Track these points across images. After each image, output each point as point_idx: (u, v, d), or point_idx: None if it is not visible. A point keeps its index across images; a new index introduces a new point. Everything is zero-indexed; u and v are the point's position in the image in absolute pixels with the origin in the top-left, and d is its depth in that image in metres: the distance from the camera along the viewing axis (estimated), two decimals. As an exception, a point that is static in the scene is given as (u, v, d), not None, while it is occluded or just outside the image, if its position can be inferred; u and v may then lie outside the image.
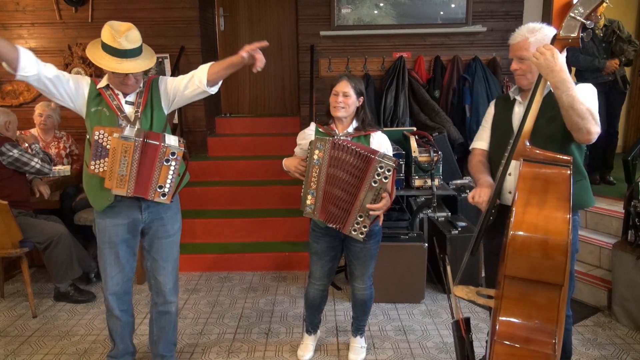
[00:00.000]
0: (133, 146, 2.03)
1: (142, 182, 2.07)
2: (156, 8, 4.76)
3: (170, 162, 2.08)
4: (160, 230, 2.30)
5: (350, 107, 2.30)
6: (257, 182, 4.59)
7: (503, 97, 2.23)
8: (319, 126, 2.39)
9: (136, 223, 2.26)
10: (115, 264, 2.28)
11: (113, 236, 2.24)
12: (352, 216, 2.20)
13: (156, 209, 2.26)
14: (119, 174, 2.04)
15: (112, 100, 2.15)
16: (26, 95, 4.82)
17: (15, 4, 4.76)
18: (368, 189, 2.15)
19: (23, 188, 3.40)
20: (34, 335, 2.99)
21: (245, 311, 3.25)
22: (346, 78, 2.32)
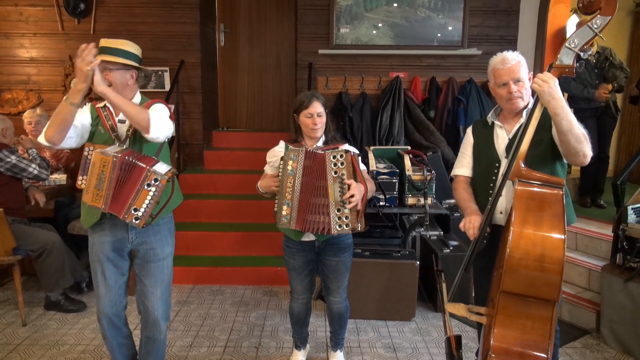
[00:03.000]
0: (111, 162, 2.00)
1: (119, 200, 2.03)
2: (158, 22, 4.83)
3: (150, 187, 2.01)
4: (150, 254, 2.25)
5: (324, 125, 2.36)
6: (251, 196, 4.57)
7: (480, 122, 2.27)
8: (289, 144, 2.40)
9: (123, 242, 2.22)
10: (102, 283, 2.24)
11: (99, 253, 2.22)
12: (332, 215, 2.21)
13: (144, 231, 2.20)
14: (95, 187, 2.02)
15: (107, 120, 2.17)
16: (25, 103, 4.85)
17: (18, 14, 4.82)
18: (333, 180, 2.19)
19: (19, 195, 3.41)
20: (22, 344, 2.97)
21: (236, 325, 3.25)
22: (316, 98, 2.34)
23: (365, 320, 3.29)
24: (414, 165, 3.50)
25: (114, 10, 4.81)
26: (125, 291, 2.34)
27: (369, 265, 3.25)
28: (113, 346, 2.37)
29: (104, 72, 2.12)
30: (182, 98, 4.86)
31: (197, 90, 4.93)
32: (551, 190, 1.75)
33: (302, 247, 2.42)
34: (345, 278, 2.52)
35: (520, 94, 2.01)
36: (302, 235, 2.36)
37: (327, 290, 2.55)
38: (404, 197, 3.46)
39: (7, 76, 4.91)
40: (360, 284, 3.22)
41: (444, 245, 3.50)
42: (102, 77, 1.99)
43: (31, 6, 4.80)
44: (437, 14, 4.83)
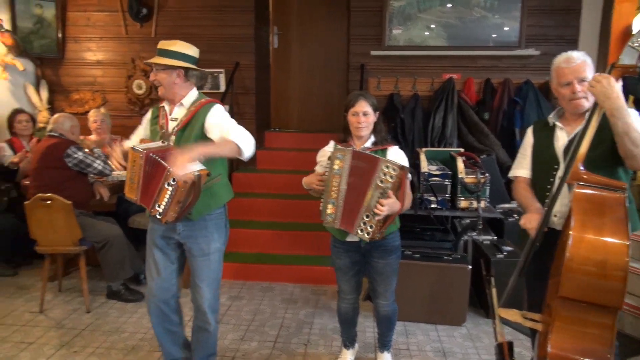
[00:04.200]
0: (139, 157, 2.10)
1: (147, 193, 2.11)
2: (214, 25, 4.99)
3: (169, 187, 2.04)
4: (195, 249, 2.32)
5: (370, 124, 2.36)
6: (301, 196, 4.64)
7: (540, 123, 2.22)
8: (337, 143, 2.41)
9: (171, 233, 2.31)
10: (153, 267, 2.37)
11: (150, 239, 2.37)
12: (359, 216, 2.18)
13: (190, 226, 2.29)
14: (131, 181, 2.15)
15: (161, 118, 2.31)
16: (91, 103, 5.13)
17: (86, 19, 5.11)
18: (375, 188, 2.14)
19: (85, 190, 3.62)
20: (86, 329, 3.15)
21: (285, 321, 3.31)
22: (363, 97, 2.35)
23: (414, 323, 3.27)
24: (467, 167, 3.44)
25: (173, 14, 5.01)
26: (175, 280, 2.44)
27: (419, 267, 3.23)
28: (159, 331, 2.47)
29: (156, 73, 2.24)
30: (236, 99, 5.00)
31: (251, 91, 5.05)
32: (612, 194, 1.68)
33: (347, 247, 2.43)
34: (393, 281, 2.50)
35: (584, 94, 1.95)
36: (347, 235, 2.37)
37: (374, 293, 2.55)
38: (456, 200, 3.41)
39: (75, 78, 5.21)
40: (409, 286, 3.20)
41: (497, 250, 3.42)
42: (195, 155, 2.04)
43: (98, 12, 5.08)
44: (493, 14, 4.72)
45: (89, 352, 2.88)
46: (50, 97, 5.14)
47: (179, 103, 2.28)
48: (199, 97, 2.33)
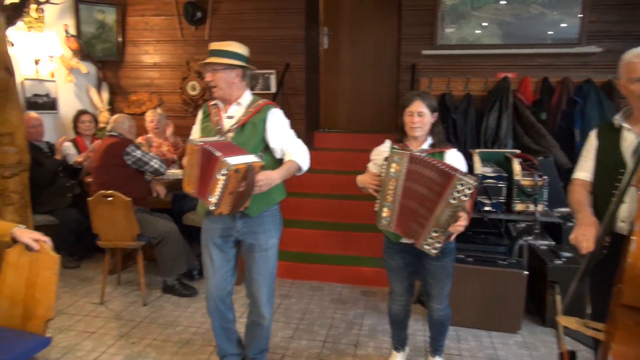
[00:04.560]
0: (195, 150, 2.14)
1: (203, 186, 2.14)
2: (265, 27, 5.07)
3: (221, 176, 2.04)
4: (254, 244, 2.37)
5: (425, 125, 2.31)
6: (350, 196, 4.66)
7: (605, 125, 2.10)
8: (393, 143, 2.40)
9: (229, 231, 2.36)
10: (210, 266, 2.42)
11: (208, 239, 2.41)
12: (427, 230, 2.13)
13: (249, 222, 2.34)
14: (189, 174, 2.19)
15: (214, 115, 2.36)
16: (148, 105, 5.33)
17: (144, 23, 5.31)
18: (445, 205, 2.07)
19: (143, 187, 3.77)
20: (143, 322, 3.28)
21: (334, 321, 3.32)
22: (419, 97, 2.31)
23: (466, 328, 3.19)
24: (523, 169, 3.33)
25: (226, 17, 5.13)
26: (231, 277, 2.49)
27: (472, 271, 3.15)
28: (215, 328, 2.54)
29: (213, 73, 2.28)
30: (286, 99, 5.06)
31: (301, 91, 5.09)
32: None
33: (401, 249, 2.41)
34: (447, 285, 2.45)
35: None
36: (401, 237, 2.35)
37: (428, 296, 2.51)
38: (512, 203, 3.31)
39: (133, 80, 5.43)
40: (462, 290, 3.13)
41: (555, 256, 3.29)
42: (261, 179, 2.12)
43: (156, 16, 5.27)
44: (552, 10, 4.55)
45: (145, 343, 2.99)
46: (110, 98, 5.38)
47: (236, 102, 2.34)
48: (255, 98, 2.39)
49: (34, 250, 2.14)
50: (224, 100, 2.35)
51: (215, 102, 2.40)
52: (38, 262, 2.14)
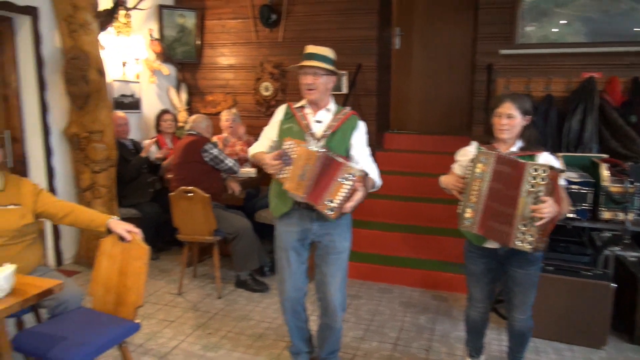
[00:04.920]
0: (316, 156, 2.18)
1: (317, 190, 2.18)
2: (338, 28, 5.09)
3: (345, 182, 2.12)
4: (330, 246, 2.40)
5: (514, 128, 2.22)
6: (421, 199, 4.60)
7: None
8: (480, 145, 2.33)
9: (306, 233, 2.40)
10: (286, 269, 2.46)
11: (284, 242, 2.44)
12: (515, 227, 2.06)
13: (325, 224, 2.36)
14: (299, 178, 2.21)
15: (302, 119, 2.38)
16: (223, 105, 5.52)
17: (221, 26, 5.51)
18: (526, 195, 2.02)
19: (218, 183, 3.91)
20: (218, 314, 3.40)
21: (405, 324, 3.28)
22: (509, 99, 2.23)
23: (545, 341, 3.05)
24: (612, 175, 3.13)
25: (300, 19, 5.20)
26: (305, 278, 2.53)
27: (553, 281, 3.00)
28: (291, 327, 2.59)
29: (315, 76, 2.31)
30: (357, 100, 5.06)
31: (373, 92, 5.07)
32: None
33: (483, 253, 2.33)
34: (531, 294, 2.34)
35: None
36: (485, 241, 2.27)
37: (510, 305, 2.40)
38: (598, 211, 3.12)
39: (210, 81, 5.65)
40: (541, 299, 2.96)
41: (646, 268, 3.06)
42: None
43: (232, 19, 5.45)
44: (644, 5, 4.24)
45: (221, 335, 3.10)
46: (188, 98, 5.63)
47: (326, 108, 2.38)
48: (339, 106, 2.44)
49: (126, 240, 2.29)
50: (314, 104, 2.38)
51: (300, 104, 2.43)
52: (130, 252, 2.28)
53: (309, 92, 2.34)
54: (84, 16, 3.90)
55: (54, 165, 4.16)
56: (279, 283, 2.52)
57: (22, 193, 2.37)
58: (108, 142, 4.13)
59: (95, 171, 4.14)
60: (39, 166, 4.08)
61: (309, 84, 2.32)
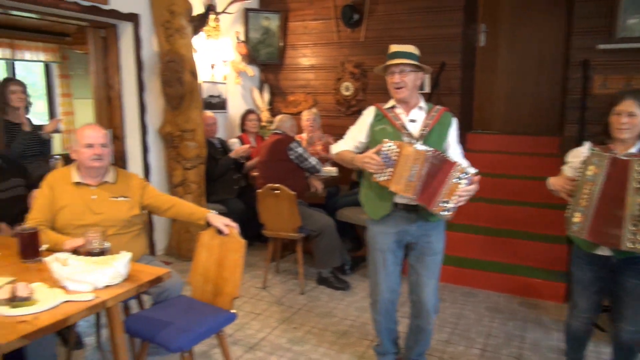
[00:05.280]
0: (425, 156, 2.15)
1: (428, 192, 2.15)
2: (421, 27, 5.02)
3: (461, 181, 2.10)
4: (427, 247, 2.37)
5: (636, 127, 2.08)
6: (504, 201, 4.43)
7: None
8: (594, 145, 2.19)
9: (404, 235, 2.38)
10: (382, 270, 2.45)
11: (381, 244, 2.42)
12: (625, 228, 1.95)
13: (425, 226, 2.34)
14: (408, 179, 2.17)
15: (395, 120, 2.35)
16: (304, 105, 5.62)
17: (304, 27, 5.61)
18: (634, 192, 1.92)
19: (302, 181, 3.99)
20: (301, 309, 3.47)
21: (492, 330, 3.17)
22: (631, 96, 2.08)
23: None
24: None
25: (382, 18, 5.18)
26: (400, 280, 2.52)
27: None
28: (382, 329, 2.57)
29: (402, 74, 2.30)
30: (440, 100, 4.95)
31: (456, 91, 4.95)
32: None
33: (593, 260, 2.20)
34: None
35: None
36: (596, 248, 2.14)
37: (619, 316, 2.24)
38: None
39: (291, 81, 5.77)
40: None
41: None
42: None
43: (314, 20, 5.53)
44: None
45: (306, 330, 3.17)
46: (270, 99, 5.79)
47: (418, 106, 2.35)
48: (430, 104, 2.41)
49: (224, 234, 2.39)
50: (404, 103, 2.36)
51: (389, 105, 2.42)
52: (227, 245, 2.39)
53: (398, 91, 2.32)
54: (180, 21, 4.14)
55: (149, 162, 4.44)
56: (373, 284, 2.52)
57: (131, 186, 2.55)
58: (199, 141, 4.35)
59: (186, 168, 4.38)
60: (136, 163, 4.38)
61: (396, 82, 2.30)
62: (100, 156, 2.39)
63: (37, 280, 1.85)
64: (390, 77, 2.32)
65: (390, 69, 2.31)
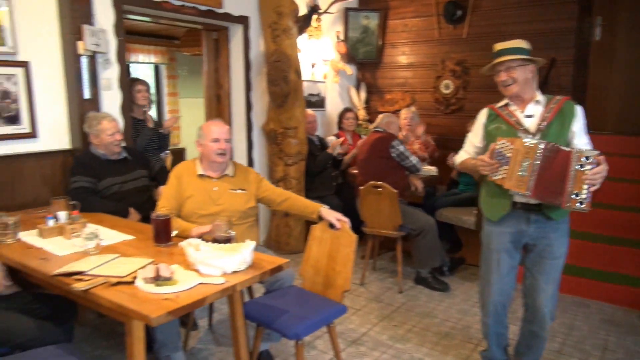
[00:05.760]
0: (535, 149, 2.08)
1: (543, 185, 2.07)
2: (528, 21, 4.78)
3: (584, 167, 2.00)
4: (546, 250, 2.27)
5: None
6: (621, 207, 4.10)
7: None
8: None
9: (521, 235, 2.30)
10: (495, 272, 2.38)
11: (496, 243, 2.35)
12: None
13: (544, 226, 2.24)
14: (518, 175, 2.12)
15: (509, 117, 2.28)
16: (401, 103, 5.59)
17: (403, 25, 5.58)
18: None
19: (403, 179, 3.97)
20: (401, 308, 3.46)
21: (609, 344, 2.96)
22: None
23: None
24: None
25: (487, 13, 5.01)
26: (514, 283, 2.43)
27: None
28: (490, 333, 2.50)
29: (508, 71, 2.23)
30: (548, 97, 4.69)
31: (566, 89, 4.67)
32: None
33: None
34: None
35: None
36: None
37: None
38: None
39: (389, 80, 5.76)
40: None
41: None
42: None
43: (415, 17, 5.48)
44: None
45: (406, 328, 3.16)
46: (367, 97, 5.81)
47: (534, 100, 2.27)
48: (549, 95, 2.30)
49: (336, 228, 2.46)
50: (518, 99, 2.29)
51: (502, 103, 2.35)
52: (339, 240, 2.45)
53: (507, 89, 2.27)
54: (287, 22, 4.29)
55: (253, 157, 4.66)
56: (484, 285, 2.46)
57: (248, 180, 2.70)
58: (300, 138, 4.49)
59: (287, 164, 4.53)
60: (241, 158, 4.61)
61: (503, 80, 2.26)
62: (224, 151, 2.56)
63: (169, 262, 2.02)
64: (497, 76, 2.29)
65: (496, 68, 2.28)
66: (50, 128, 3.22)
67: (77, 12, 3.15)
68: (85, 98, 3.23)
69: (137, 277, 1.84)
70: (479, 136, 2.43)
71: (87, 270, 1.90)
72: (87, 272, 1.89)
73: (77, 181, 2.92)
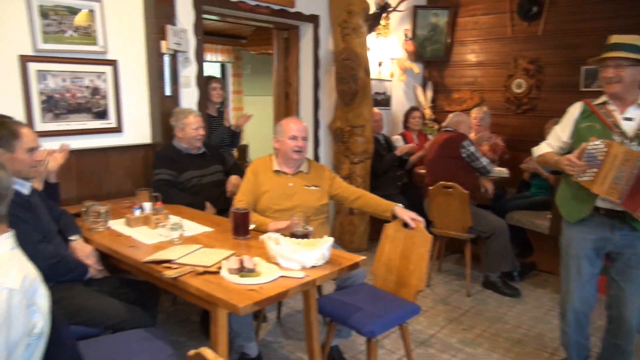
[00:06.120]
0: (636, 157, 1.98)
1: (636, 196, 1.99)
2: (613, 17, 4.51)
3: None
4: (633, 259, 2.16)
5: None
6: None
7: None
8: None
9: (604, 242, 2.19)
10: (576, 278, 2.28)
11: (577, 249, 2.26)
12: None
13: (629, 234, 2.13)
14: (613, 182, 2.02)
15: (606, 117, 2.17)
16: (469, 102, 5.45)
17: (473, 23, 5.43)
18: None
19: (474, 180, 3.87)
20: (469, 312, 3.39)
21: (701, 363, 2.76)
22: None
23: None
24: None
25: (565, 10, 4.76)
26: (596, 291, 2.32)
27: None
28: (571, 343, 2.39)
29: (617, 69, 2.11)
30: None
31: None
32: None
33: None
34: None
35: None
36: None
37: None
38: None
39: (457, 78, 5.63)
40: None
41: None
42: None
43: (486, 14, 5.32)
44: None
45: (476, 333, 3.09)
46: (433, 96, 5.72)
47: (637, 103, 2.15)
48: None
49: (410, 227, 2.44)
50: (619, 99, 2.17)
51: (600, 100, 2.24)
52: (413, 239, 2.43)
53: (610, 86, 2.15)
54: (357, 20, 4.30)
55: (319, 155, 4.70)
56: (564, 293, 2.37)
57: (322, 177, 2.74)
58: (367, 136, 4.48)
59: (353, 162, 4.54)
60: (308, 156, 4.64)
61: (609, 77, 2.13)
62: (301, 148, 2.61)
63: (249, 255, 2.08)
64: (604, 71, 2.16)
65: (605, 62, 2.14)
66: (133, 123, 3.40)
67: (161, 13, 3.30)
68: (166, 95, 3.39)
69: (221, 268, 1.91)
70: (567, 131, 2.31)
71: (175, 259, 2.00)
72: (175, 261, 1.99)
73: (160, 173, 3.07)
